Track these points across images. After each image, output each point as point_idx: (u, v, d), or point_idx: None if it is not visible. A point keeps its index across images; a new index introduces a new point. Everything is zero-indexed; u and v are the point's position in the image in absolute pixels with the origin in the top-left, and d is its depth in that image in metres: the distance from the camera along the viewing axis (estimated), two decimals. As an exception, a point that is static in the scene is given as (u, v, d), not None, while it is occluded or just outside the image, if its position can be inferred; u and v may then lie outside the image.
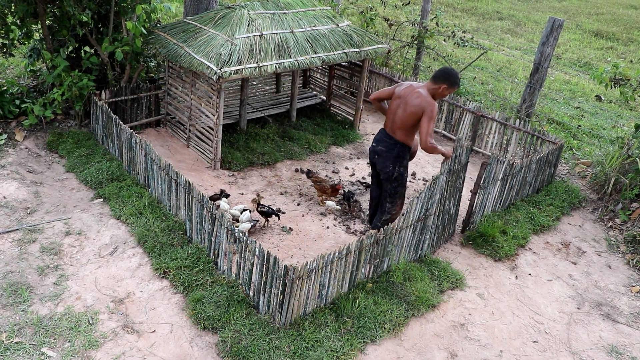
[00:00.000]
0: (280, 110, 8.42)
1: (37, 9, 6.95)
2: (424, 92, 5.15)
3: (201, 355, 4.24)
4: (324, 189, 6.39)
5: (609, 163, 7.24)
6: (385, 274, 5.16)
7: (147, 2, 7.50)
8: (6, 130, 7.12)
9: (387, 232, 4.92)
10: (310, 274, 4.37)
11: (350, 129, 8.48)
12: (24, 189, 6.04)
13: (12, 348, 4.15)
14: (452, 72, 5.13)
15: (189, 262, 5.03)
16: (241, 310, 4.54)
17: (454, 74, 5.13)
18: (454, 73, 5.13)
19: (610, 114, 10.29)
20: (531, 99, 8.93)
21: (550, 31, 8.46)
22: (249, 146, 7.51)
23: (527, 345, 4.78)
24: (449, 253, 5.86)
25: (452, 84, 5.11)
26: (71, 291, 4.77)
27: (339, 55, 7.36)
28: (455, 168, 5.48)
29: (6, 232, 5.37)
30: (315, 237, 5.91)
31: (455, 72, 5.15)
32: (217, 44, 6.54)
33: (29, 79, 8.42)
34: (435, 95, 5.16)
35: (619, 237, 6.55)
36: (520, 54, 13.78)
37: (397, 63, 10.96)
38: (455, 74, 5.13)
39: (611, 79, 7.41)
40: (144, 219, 5.60)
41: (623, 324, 5.21)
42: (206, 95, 6.90)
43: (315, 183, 6.48)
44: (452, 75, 5.10)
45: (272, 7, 7.36)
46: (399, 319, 4.74)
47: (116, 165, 6.52)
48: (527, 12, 18.77)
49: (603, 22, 17.84)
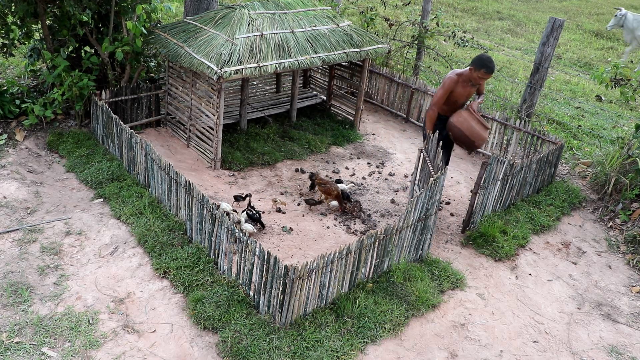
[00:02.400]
0: (280, 110, 8.42)
1: (37, 8, 6.95)
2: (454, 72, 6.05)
3: (201, 355, 4.24)
4: (329, 190, 6.35)
5: (609, 163, 7.24)
6: (385, 274, 5.16)
7: (148, 2, 7.50)
8: (6, 130, 7.12)
9: (388, 232, 4.93)
10: (311, 274, 4.37)
11: (350, 129, 8.48)
12: (24, 189, 6.04)
13: (13, 348, 4.15)
14: (480, 56, 5.77)
15: (189, 262, 5.03)
16: (241, 310, 4.54)
17: (481, 57, 5.74)
18: (481, 57, 5.75)
19: (610, 114, 10.29)
20: (531, 99, 8.93)
21: (550, 31, 8.46)
22: (249, 146, 7.51)
23: (528, 346, 4.78)
24: (449, 253, 5.86)
25: (476, 67, 5.74)
26: (71, 291, 4.77)
27: (339, 55, 7.36)
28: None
29: (6, 232, 5.37)
30: (316, 237, 5.90)
31: (483, 56, 5.76)
32: (218, 44, 6.54)
33: (29, 79, 8.42)
34: (471, 78, 5.88)
35: (619, 237, 6.54)
36: (520, 54, 13.78)
37: (397, 63, 10.95)
38: (480, 57, 5.75)
39: (611, 79, 7.40)
40: (144, 219, 5.60)
41: (623, 324, 5.20)
42: (206, 95, 6.90)
43: (319, 185, 6.44)
44: (478, 59, 5.75)
45: (272, 7, 7.36)
46: (399, 319, 4.74)
47: (116, 165, 6.52)
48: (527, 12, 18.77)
49: (603, 22, 17.83)
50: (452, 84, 5.93)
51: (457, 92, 5.97)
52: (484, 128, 5.99)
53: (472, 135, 5.94)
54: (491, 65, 5.72)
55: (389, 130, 8.84)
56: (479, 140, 5.98)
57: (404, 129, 9.01)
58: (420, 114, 8.99)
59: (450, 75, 5.95)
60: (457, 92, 5.97)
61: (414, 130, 8.95)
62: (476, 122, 5.95)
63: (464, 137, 5.97)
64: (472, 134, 5.94)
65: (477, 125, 5.95)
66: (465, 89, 5.98)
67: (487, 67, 5.70)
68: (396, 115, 9.38)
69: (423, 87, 8.87)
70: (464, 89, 5.98)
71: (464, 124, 5.93)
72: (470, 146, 6.04)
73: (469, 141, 5.99)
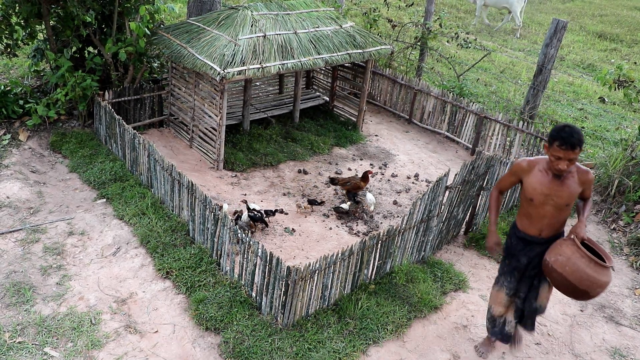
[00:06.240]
0: (283, 111, 8.42)
1: (41, 9, 6.97)
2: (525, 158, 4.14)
3: (204, 355, 4.24)
4: (357, 185, 6.32)
5: (612, 165, 7.22)
6: (388, 275, 5.15)
7: (151, 2, 7.51)
8: (10, 130, 7.14)
9: (390, 234, 4.92)
10: (313, 275, 4.37)
11: (353, 130, 8.48)
12: (27, 189, 6.05)
13: (15, 348, 4.15)
14: (555, 127, 3.75)
15: (191, 263, 5.03)
16: (244, 311, 4.54)
17: (556, 126, 3.75)
18: (556, 126, 3.75)
19: (613, 115, 10.26)
20: (534, 100, 8.91)
21: (553, 33, 8.44)
22: (252, 147, 7.51)
23: (530, 348, 4.76)
24: (452, 255, 5.84)
25: (548, 141, 3.75)
26: (74, 291, 4.77)
27: (342, 56, 7.36)
28: (470, 178, 5.48)
29: (9, 232, 5.38)
30: (318, 238, 5.90)
31: (558, 125, 3.75)
32: (221, 45, 6.55)
33: (33, 79, 8.43)
34: (549, 164, 3.81)
35: (623, 239, 6.52)
36: (523, 55, 13.76)
37: (400, 64, 10.95)
38: (556, 127, 3.73)
39: (615, 81, 7.39)
40: (147, 220, 5.61)
41: (626, 326, 5.18)
42: (209, 96, 6.91)
43: (344, 185, 6.42)
44: (553, 129, 3.74)
45: (275, 8, 7.37)
46: (401, 320, 4.73)
47: (119, 166, 6.53)
48: (530, 13, 18.74)
49: (607, 24, 17.80)
50: (519, 171, 4.00)
51: (532, 187, 3.91)
52: (600, 267, 3.73)
53: (581, 283, 3.74)
54: (565, 133, 3.61)
55: (391, 132, 8.83)
56: (593, 288, 3.75)
57: (406, 130, 9.00)
58: (422, 115, 8.98)
59: (519, 160, 4.07)
60: (531, 187, 3.91)
61: (416, 132, 8.95)
62: (587, 260, 3.73)
63: (569, 286, 3.81)
64: (581, 280, 3.74)
65: (589, 265, 3.73)
66: (545, 183, 3.86)
67: (560, 138, 3.62)
68: (399, 117, 9.37)
69: (426, 88, 8.86)
70: (544, 184, 3.86)
71: (566, 266, 3.77)
72: (581, 296, 3.86)
73: (578, 291, 3.80)
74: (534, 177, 3.91)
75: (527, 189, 3.95)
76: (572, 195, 3.85)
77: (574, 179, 3.86)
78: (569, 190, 3.85)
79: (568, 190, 3.84)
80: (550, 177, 3.84)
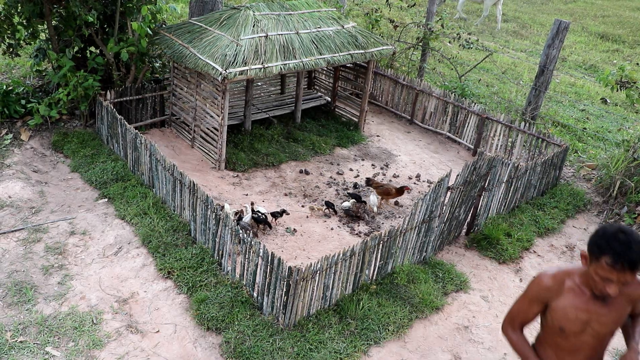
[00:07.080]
0: (285, 111, 8.42)
1: (43, 9, 6.98)
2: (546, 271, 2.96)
3: (205, 355, 4.24)
4: (387, 191, 6.52)
5: (614, 166, 7.21)
6: (389, 275, 5.15)
7: (153, 2, 7.52)
8: (12, 130, 7.15)
9: (392, 234, 4.92)
10: (315, 276, 4.37)
11: (355, 131, 8.48)
12: (29, 189, 6.06)
13: (17, 347, 4.16)
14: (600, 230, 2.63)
15: (193, 263, 5.04)
16: (245, 311, 4.54)
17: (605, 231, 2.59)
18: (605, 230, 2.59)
19: (615, 116, 10.25)
20: (536, 101, 8.90)
21: (555, 33, 8.43)
22: (253, 147, 7.51)
23: (532, 349, 4.75)
24: (453, 255, 5.84)
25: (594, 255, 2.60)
26: (75, 291, 4.78)
27: (344, 56, 7.36)
28: (472, 179, 5.47)
29: (11, 231, 5.39)
30: (320, 238, 5.90)
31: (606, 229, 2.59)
32: (223, 45, 6.55)
33: (35, 79, 8.45)
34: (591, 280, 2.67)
35: (625, 240, 6.50)
36: (525, 56, 13.74)
37: (402, 65, 10.94)
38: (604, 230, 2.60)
39: (617, 82, 7.37)
40: (149, 219, 5.61)
41: (628, 327, 5.17)
42: (211, 96, 6.91)
43: (377, 188, 6.59)
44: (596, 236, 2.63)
45: (277, 8, 7.37)
46: (402, 321, 4.73)
47: (121, 166, 6.54)
48: (532, 14, 18.72)
49: (609, 25, 17.78)
50: (544, 293, 2.86)
51: (564, 314, 2.80)
52: None
53: None
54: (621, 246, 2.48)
55: (393, 132, 8.83)
56: None
57: (408, 130, 8.99)
58: (424, 115, 8.97)
59: (539, 276, 2.89)
60: (562, 313, 2.80)
61: (418, 132, 8.94)
62: None
63: None
64: None
65: None
66: (582, 307, 2.76)
67: (615, 254, 2.50)
68: (400, 117, 9.37)
69: (427, 89, 8.86)
70: (580, 308, 2.76)
71: None
72: None
73: None
74: (566, 299, 2.77)
75: (555, 315, 2.82)
76: (619, 319, 2.76)
77: (621, 294, 2.72)
78: (617, 314, 2.74)
79: (615, 314, 2.73)
80: (589, 296, 2.73)
